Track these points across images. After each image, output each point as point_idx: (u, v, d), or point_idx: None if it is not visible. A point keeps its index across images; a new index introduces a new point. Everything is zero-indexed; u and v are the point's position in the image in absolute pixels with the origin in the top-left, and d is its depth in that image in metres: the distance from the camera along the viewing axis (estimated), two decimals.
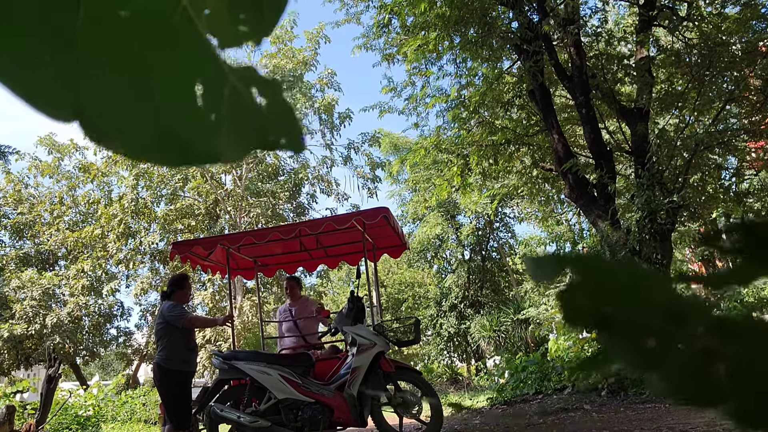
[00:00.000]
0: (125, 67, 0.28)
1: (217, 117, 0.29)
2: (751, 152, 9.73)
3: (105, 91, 0.28)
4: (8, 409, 7.04)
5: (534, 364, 9.12)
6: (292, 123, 0.31)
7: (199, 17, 0.29)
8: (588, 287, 0.29)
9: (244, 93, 0.30)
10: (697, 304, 0.28)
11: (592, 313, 0.29)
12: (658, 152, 7.92)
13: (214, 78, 0.29)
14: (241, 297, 16.48)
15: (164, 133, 0.29)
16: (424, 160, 10.75)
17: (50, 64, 0.28)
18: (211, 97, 0.29)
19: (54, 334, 15.82)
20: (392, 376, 5.08)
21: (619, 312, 0.29)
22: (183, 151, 0.30)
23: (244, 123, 0.30)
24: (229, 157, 0.30)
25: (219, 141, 0.30)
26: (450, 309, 18.83)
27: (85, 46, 0.28)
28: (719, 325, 0.28)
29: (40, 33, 0.27)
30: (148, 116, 0.29)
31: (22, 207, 19.08)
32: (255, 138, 0.31)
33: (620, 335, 0.29)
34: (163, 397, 4.99)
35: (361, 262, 6.65)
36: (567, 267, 0.30)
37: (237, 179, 18.03)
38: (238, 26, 0.30)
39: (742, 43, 8.39)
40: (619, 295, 0.29)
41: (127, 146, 0.29)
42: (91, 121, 0.28)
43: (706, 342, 0.28)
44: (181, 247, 6.11)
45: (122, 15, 0.28)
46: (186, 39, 0.29)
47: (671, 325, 0.28)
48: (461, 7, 7.56)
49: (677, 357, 0.28)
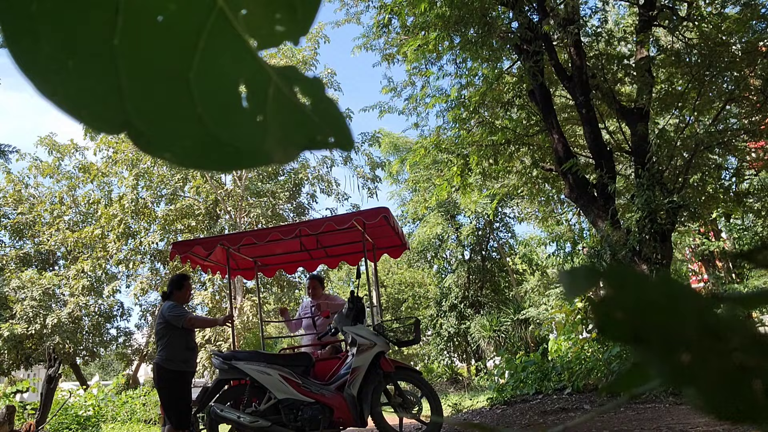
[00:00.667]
0: (166, 72, 0.28)
1: (263, 118, 0.29)
2: (751, 152, 9.73)
3: (148, 99, 0.28)
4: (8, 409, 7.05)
5: (534, 364, 9.12)
6: (338, 121, 0.31)
7: (236, 18, 0.29)
8: (622, 301, 0.30)
9: (289, 93, 0.30)
10: (732, 320, 0.28)
11: (627, 327, 0.29)
12: (658, 152, 7.93)
13: (257, 79, 0.29)
14: (241, 297, 16.48)
15: (211, 138, 0.29)
16: (424, 160, 10.75)
17: (93, 75, 0.28)
18: (256, 99, 0.29)
19: (54, 334, 15.82)
20: (392, 376, 5.08)
21: (655, 326, 0.29)
22: (231, 155, 0.29)
23: (291, 123, 0.30)
24: (279, 158, 0.30)
25: (267, 142, 0.30)
26: (450, 309, 18.84)
27: (125, 54, 0.28)
28: (756, 340, 0.28)
29: (82, 46, 0.27)
30: (194, 121, 0.29)
31: (22, 207, 19.08)
32: (303, 137, 0.30)
33: (656, 350, 0.29)
34: (163, 398, 4.99)
35: (361, 262, 6.65)
36: (601, 279, 0.30)
37: (237, 179, 18.03)
38: (275, 26, 0.30)
39: (742, 43, 8.39)
40: (653, 309, 0.29)
41: (175, 154, 0.29)
42: (138, 130, 0.28)
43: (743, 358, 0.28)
44: (181, 247, 6.11)
45: (159, 19, 0.28)
46: (225, 40, 0.29)
47: (707, 340, 0.28)
48: (461, 7, 7.56)
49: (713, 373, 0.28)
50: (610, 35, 9.47)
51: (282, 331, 26.67)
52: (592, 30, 9.31)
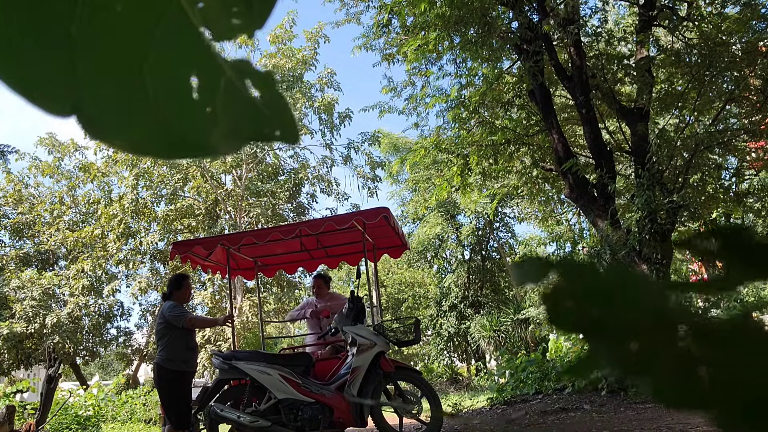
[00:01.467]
0: (121, 60, 0.29)
1: (212, 109, 0.30)
2: (751, 152, 9.73)
3: (101, 85, 0.29)
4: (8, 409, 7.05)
5: (534, 364, 9.12)
6: (286, 115, 0.31)
7: (192, 10, 0.29)
8: (572, 290, 0.30)
9: (239, 85, 0.30)
10: (682, 308, 0.29)
11: (577, 316, 0.29)
12: (658, 152, 7.92)
13: (209, 71, 0.30)
14: (241, 297, 16.48)
15: (161, 127, 0.29)
16: (424, 160, 10.75)
17: (47, 58, 0.28)
18: (207, 90, 0.30)
19: (54, 334, 15.82)
20: (392, 376, 5.08)
21: (604, 315, 0.29)
22: (179, 144, 0.30)
23: (240, 115, 0.30)
24: (225, 149, 0.31)
25: (215, 133, 0.30)
26: (450, 309, 18.84)
27: (81, 39, 0.28)
28: (704, 328, 0.28)
29: (38, 27, 0.28)
30: (144, 109, 0.29)
31: (22, 207, 19.08)
32: (250, 130, 0.31)
33: (605, 339, 0.29)
34: (163, 397, 4.99)
35: (361, 262, 6.65)
36: (551, 270, 0.30)
37: (237, 179, 18.03)
38: (231, 19, 0.31)
39: (742, 43, 8.39)
40: (603, 299, 0.29)
41: (123, 140, 0.29)
42: (88, 115, 0.28)
43: (690, 346, 0.28)
44: (181, 247, 6.11)
45: (118, 9, 0.28)
46: (181, 32, 0.29)
47: (655, 328, 0.28)
48: (461, 7, 7.55)
49: (661, 361, 0.28)
50: (610, 35, 9.47)
51: (282, 331, 26.67)
52: (592, 30, 9.31)
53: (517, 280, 0.31)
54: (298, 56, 17.46)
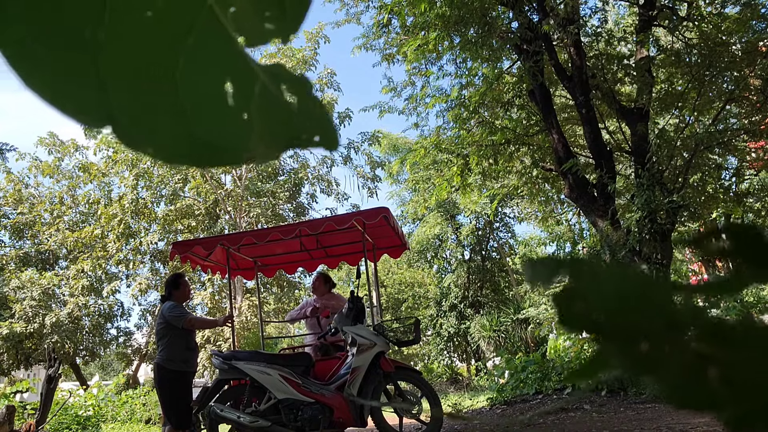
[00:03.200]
0: (153, 68, 0.28)
1: (248, 116, 0.29)
2: (751, 152, 9.73)
3: (134, 95, 0.28)
4: (8, 409, 7.04)
5: (534, 364, 9.12)
6: (324, 120, 0.31)
7: (225, 16, 0.29)
8: (583, 291, 0.29)
9: (275, 91, 0.30)
10: (691, 309, 0.28)
11: (588, 317, 0.29)
12: (658, 152, 7.92)
13: (243, 76, 0.29)
14: (241, 297, 16.48)
15: (196, 135, 0.29)
16: (424, 160, 10.75)
17: (78, 68, 0.27)
18: (242, 96, 0.29)
19: (54, 334, 15.81)
20: (392, 376, 5.08)
21: (614, 316, 0.29)
22: (216, 152, 0.29)
23: (276, 121, 0.30)
24: (262, 156, 0.30)
25: (252, 140, 0.29)
26: (450, 309, 18.84)
27: (112, 49, 0.27)
28: (713, 329, 0.28)
29: (67, 37, 0.27)
30: (179, 118, 0.28)
31: (22, 207, 19.07)
32: (288, 136, 0.30)
33: (615, 340, 0.29)
34: (163, 398, 4.99)
35: (361, 262, 6.64)
36: (563, 270, 0.30)
37: (237, 179, 18.03)
38: (264, 24, 0.30)
39: (742, 43, 8.39)
40: (614, 300, 0.29)
41: (158, 149, 0.29)
42: (122, 125, 0.28)
43: (700, 346, 0.28)
44: (181, 247, 6.11)
45: (148, 15, 0.28)
46: (213, 38, 0.28)
47: (666, 329, 0.28)
48: (461, 7, 7.55)
49: (671, 361, 0.28)
50: (610, 35, 9.47)
51: (282, 331, 26.67)
52: (592, 30, 9.31)
53: (528, 280, 0.31)
54: (298, 56, 17.46)
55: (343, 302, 5.90)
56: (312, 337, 6.21)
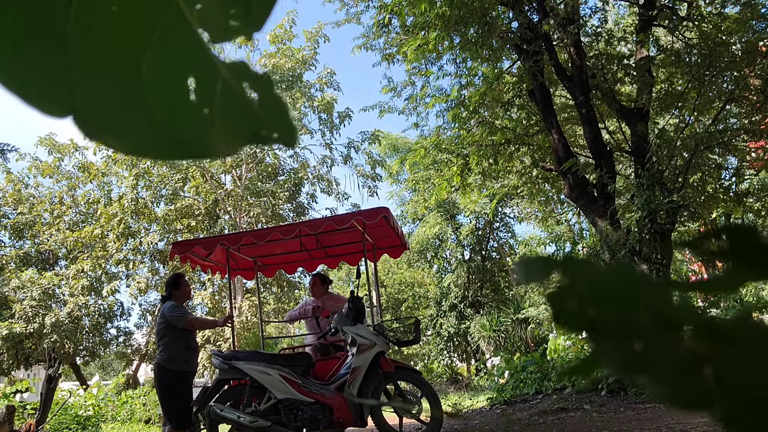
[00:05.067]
0: (117, 61, 0.29)
1: (209, 111, 0.30)
2: (751, 152, 9.73)
3: (97, 87, 0.28)
4: (8, 409, 7.04)
5: (534, 364, 9.12)
6: (283, 117, 0.31)
7: (190, 12, 0.29)
8: (577, 290, 0.30)
9: (237, 88, 0.30)
10: (686, 307, 0.29)
11: (582, 316, 0.29)
12: (658, 152, 7.92)
13: (206, 72, 0.30)
14: (241, 297, 16.48)
15: (158, 128, 0.29)
16: (424, 160, 10.75)
17: (43, 59, 0.28)
18: (204, 92, 0.29)
19: (53, 333, 15.81)
20: (392, 376, 5.08)
21: (608, 315, 0.29)
22: (176, 146, 0.30)
23: (237, 117, 0.30)
24: (222, 151, 0.31)
25: (211, 135, 0.30)
26: (450, 309, 18.84)
27: (77, 40, 0.28)
28: (708, 328, 0.28)
29: (33, 28, 0.28)
30: (141, 111, 0.29)
31: (22, 207, 19.07)
32: (248, 132, 0.31)
33: (609, 338, 0.29)
34: (164, 398, 4.99)
35: (361, 262, 6.64)
36: (556, 269, 0.30)
37: (237, 179, 18.03)
38: (229, 21, 0.30)
39: (742, 43, 8.39)
40: (607, 298, 0.29)
41: (120, 141, 0.29)
42: (84, 116, 0.28)
43: (695, 345, 0.28)
44: (181, 247, 6.10)
45: (114, 9, 0.28)
46: (178, 33, 0.29)
47: (659, 328, 0.28)
48: (461, 7, 7.55)
49: (665, 360, 0.28)
50: (610, 35, 9.47)
51: (282, 331, 26.66)
52: (592, 30, 9.32)
53: (521, 279, 0.31)
54: (298, 56, 17.45)
55: (343, 302, 5.90)
56: (312, 337, 6.20)
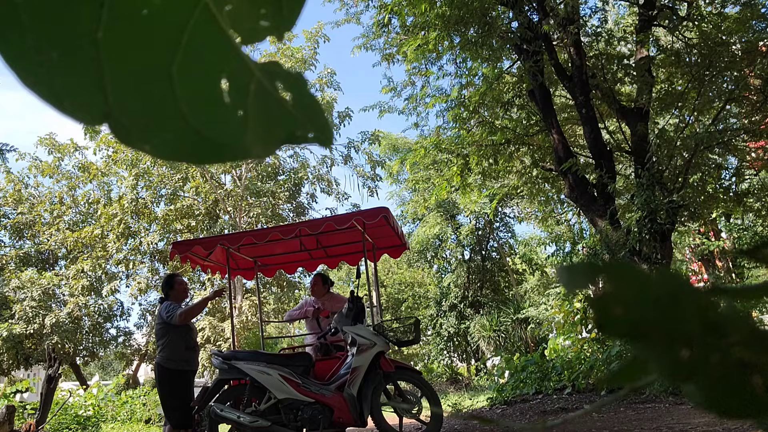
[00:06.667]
0: (148, 65, 0.28)
1: (244, 113, 0.29)
2: (751, 152, 9.73)
3: (131, 92, 0.28)
4: (8, 409, 7.03)
5: (534, 364, 9.12)
6: (318, 116, 0.31)
7: (220, 13, 0.29)
8: (622, 296, 0.29)
9: (270, 88, 0.30)
10: (733, 315, 0.28)
11: (627, 322, 0.29)
12: (658, 152, 7.92)
13: (239, 74, 0.29)
14: (241, 297, 16.48)
15: (191, 132, 0.29)
16: (424, 160, 10.75)
17: (76, 67, 0.28)
18: (237, 93, 0.29)
19: (53, 334, 15.81)
20: (392, 376, 5.08)
21: (655, 322, 0.29)
22: (211, 149, 0.29)
23: (272, 118, 0.30)
24: (259, 152, 0.30)
25: (247, 137, 0.30)
26: (450, 309, 18.84)
27: (108, 47, 0.28)
28: (756, 336, 0.27)
29: (66, 38, 0.27)
30: (175, 115, 0.29)
31: (22, 207, 19.06)
32: (283, 132, 0.31)
33: (655, 345, 0.28)
34: (164, 397, 4.99)
35: (361, 262, 6.64)
36: (600, 275, 0.30)
37: (237, 179, 18.03)
38: (259, 21, 0.30)
39: (742, 43, 8.39)
40: (653, 305, 0.29)
41: (155, 147, 0.29)
42: (119, 121, 0.28)
43: (744, 353, 0.27)
44: (181, 247, 6.10)
45: (144, 12, 0.28)
46: (209, 35, 0.29)
47: (707, 336, 0.28)
48: (461, 7, 7.55)
49: (713, 369, 0.28)
50: (610, 35, 9.47)
51: (282, 331, 26.66)
52: (592, 30, 9.32)
53: (564, 285, 0.31)
54: (298, 56, 17.45)
55: (343, 302, 5.90)
56: (312, 337, 6.20)
